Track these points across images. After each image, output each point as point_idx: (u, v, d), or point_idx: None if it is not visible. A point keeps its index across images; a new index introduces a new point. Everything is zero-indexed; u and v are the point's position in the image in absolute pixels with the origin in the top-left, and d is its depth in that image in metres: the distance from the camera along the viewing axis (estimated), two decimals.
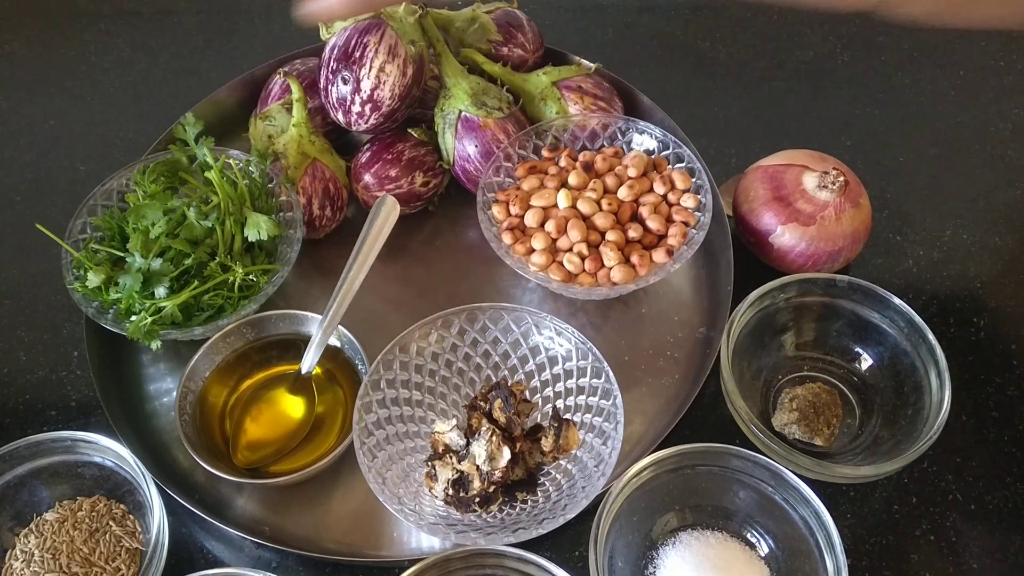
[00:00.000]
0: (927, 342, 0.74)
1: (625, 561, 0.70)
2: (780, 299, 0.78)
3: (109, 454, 0.73)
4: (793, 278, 0.78)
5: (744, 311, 0.76)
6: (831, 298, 0.78)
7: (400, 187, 0.86)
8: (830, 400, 0.77)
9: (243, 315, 0.78)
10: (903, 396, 0.76)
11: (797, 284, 0.78)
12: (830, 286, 0.78)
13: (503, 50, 0.92)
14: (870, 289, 0.77)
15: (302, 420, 0.77)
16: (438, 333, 0.75)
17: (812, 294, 0.78)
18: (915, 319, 0.74)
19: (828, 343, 0.80)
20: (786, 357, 0.80)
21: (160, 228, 0.78)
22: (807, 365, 0.80)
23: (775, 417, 0.77)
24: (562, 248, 0.80)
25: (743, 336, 0.76)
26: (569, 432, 0.72)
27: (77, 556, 0.71)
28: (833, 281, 0.77)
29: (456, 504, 0.70)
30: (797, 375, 0.79)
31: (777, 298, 0.78)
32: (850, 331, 0.79)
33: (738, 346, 0.75)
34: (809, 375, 0.79)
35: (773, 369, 0.80)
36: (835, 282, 0.77)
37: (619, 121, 0.86)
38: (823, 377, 0.79)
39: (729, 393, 0.73)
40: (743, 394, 0.73)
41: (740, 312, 0.76)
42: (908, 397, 0.75)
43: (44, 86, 1.07)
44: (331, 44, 0.83)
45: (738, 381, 0.74)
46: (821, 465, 0.69)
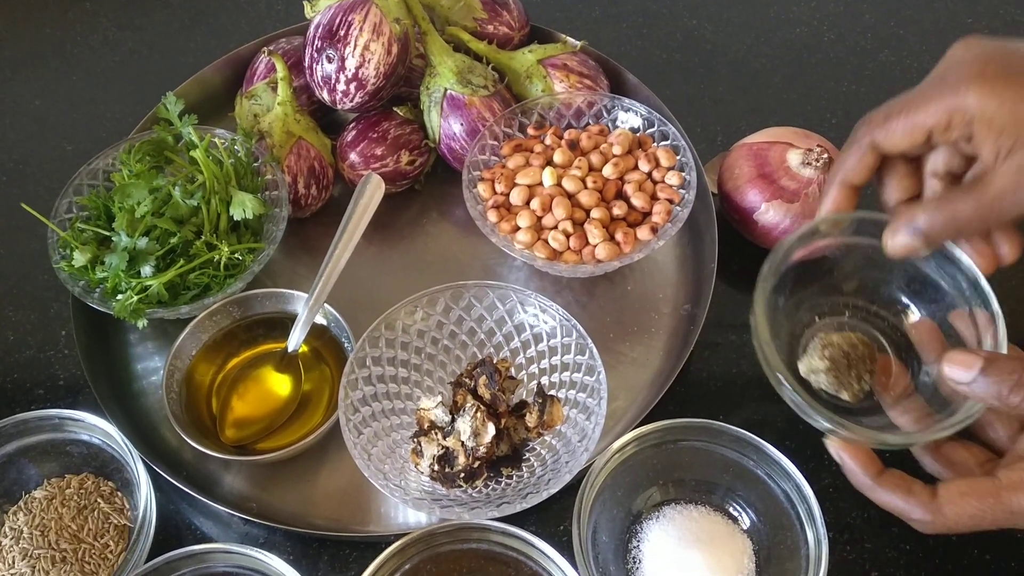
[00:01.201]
0: (989, 306, 0.64)
1: (609, 535, 0.70)
2: (835, 232, 0.69)
3: (97, 432, 0.73)
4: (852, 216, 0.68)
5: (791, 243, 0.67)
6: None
7: (386, 166, 0.86)
8: (867, 353, 0.70)
9: (229, 294, 0.79)
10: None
11: (855, 222, 0.68)
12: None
13: (488, 28, 0.92)
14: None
15: (289, 398, 0.77)
16: (423, 311, 0.76)
17: (868, 234, 0.68)
18: (980, 281, 0.65)
19: (877, 292, 0.71)
20: (826, 299, 0.72)
21: (146, 207, 0.78)
22: (849, 312, 0.72)
23: (802, 362, 0.70)
24: (547, 226, 0.80)
25: (786, 269, 0.68)
26: (553, 408, 0.72)
27: (66, 533, 0.71)
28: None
29: (442, 479, 0.71)
30: (836, 320, 0.72)
31: (831, 231, 0.69)
32: (904, 282, 0.70)
33: (780, 277, 0.68)
34: (849, 322, 0.72)
35: (810, 309, 0.72)
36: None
37: (604, 99, 0.87)
38: (864, 327, 0.71)
39: (757, 327, 0.65)
40: (772, 330, 0.65)
41: (785, 245, 0.67)
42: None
43: (29, 65, 1.07)
44: (315, 22, 0.83)
45: (770, 316, 0.66)
46: (841, 424, 0.62)
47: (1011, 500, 0.57)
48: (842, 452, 0.61)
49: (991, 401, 0.57)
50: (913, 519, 0.59)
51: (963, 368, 0.57)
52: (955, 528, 0.58)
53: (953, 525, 0.58)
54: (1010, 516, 0.57)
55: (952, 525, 0.58)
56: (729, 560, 0.69)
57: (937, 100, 0.59)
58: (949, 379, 0.58)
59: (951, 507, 0.58)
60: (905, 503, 0.59)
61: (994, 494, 0.57)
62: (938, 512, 0.58)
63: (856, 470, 0.61)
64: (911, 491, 0.59)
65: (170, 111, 0.84)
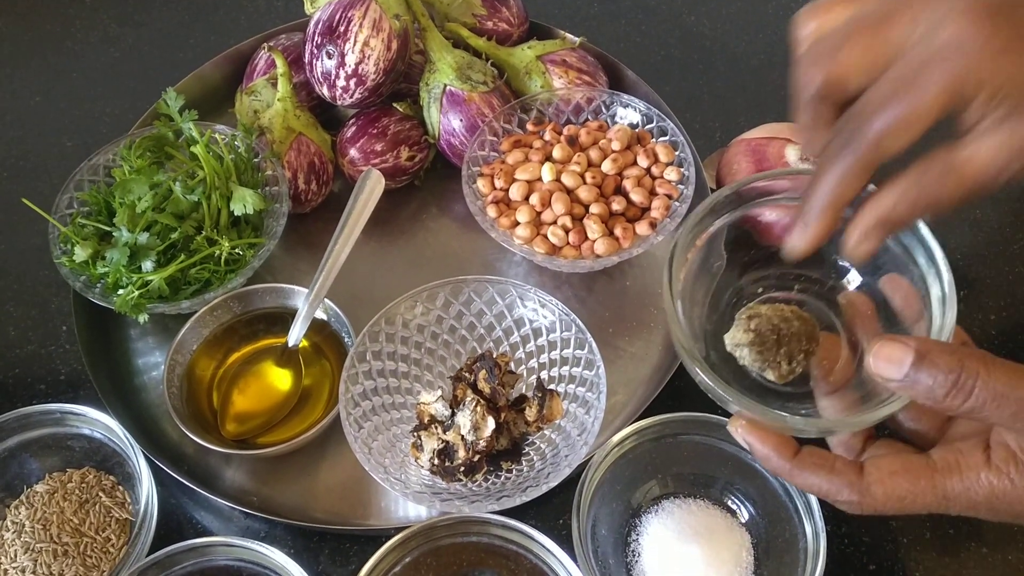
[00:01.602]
0: (940, 279, 0.55)
1: (608, 529, 0.71)
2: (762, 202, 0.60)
3: (98, 426, 0.73)
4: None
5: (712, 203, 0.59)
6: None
7: (386, 161, 0.86)
8: (804, 330, 0.59)
9: (230, 289, 0.79)
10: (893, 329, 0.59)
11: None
12: None
13: (488, 24, 0.92)
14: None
15: (289, 392, 0.78)
16: (423, 305, 0.76)
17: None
18: (935, 249, 0.55)
19: (830, 262, 0.61)
20: (774, 268, 0.62)
21: (146, 202, 0.79)
22: (800, 285, 0.63)
23: (728, 334, 0.60)
24: (546, 221, 0.80)
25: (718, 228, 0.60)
26: (553, 402, 0.73)
27: (67, 527, 0.72)
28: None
29: (442, 473, 0.71)
30: (783, 292, 0.63)
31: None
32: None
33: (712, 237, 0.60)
34: (797, 296, 0.62)
35: (755, 280, 0.63)
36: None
37: (603, 95, 0.87)
38: (816, 303, 0.62)
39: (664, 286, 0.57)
40: (690, 295, 0.58)
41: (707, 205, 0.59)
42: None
43: (29, 62, 1.07)
44: (315, 19, 0.83)
45: (693, 277, 0.59)
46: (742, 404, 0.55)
47: (945, 483, 0.51)
48: (749, 437, 0.55)
49: (924, 402, 0.50)
50: (839, 500, 0.53)
51: (892, 364, 0.49)
52: (883, 510, 0.53)
53: (882, 506, 0.52)
54: (943, 501, 0.52)
55: (881, 506, 0.52)
56: (727, 554, 0.69)
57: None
58: (876, 375, 0.50)
59: (880, 487, 0.52)
60: (829, 483, 0.53)
61: (927, 476, 0.52)
62: (866, 492, 0.52)
63: (769, 453, 0.54)
64: (834, 469, 0.53)
65: (170, 107, 0.85)
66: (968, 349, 0.50)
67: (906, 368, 0.48)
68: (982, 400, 0.48)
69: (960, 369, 0.48)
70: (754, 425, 0.54)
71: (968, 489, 0.51)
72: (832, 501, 0.54)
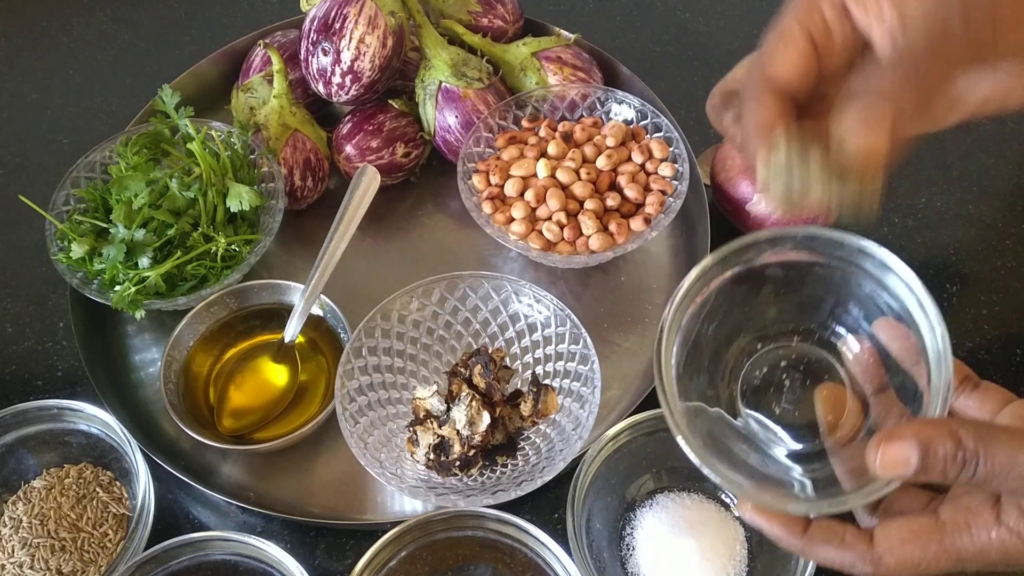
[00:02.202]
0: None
1: (603, 523, 0.71)
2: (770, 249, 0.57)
3: (95, 422, 0.74)
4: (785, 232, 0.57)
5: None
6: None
7: (381, 158, 0.87)
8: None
9: (226, 285, 0.79)
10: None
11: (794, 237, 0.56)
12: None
13: (483, 21, 0.92)
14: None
15: (285, 388, 0.78)
16: (419, 301, 0.76)
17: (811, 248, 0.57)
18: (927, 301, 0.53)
19: (831, 314, 0.59)
20: (768, 323, 0.61)
21: (143, 199, 0.79)
22: (799, 337, 0.60)
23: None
24: (541, 217, 0.81)
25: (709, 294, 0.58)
26: (548, 397, 0.73)
27: (65, 522, 0.72)
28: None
29: (437, 468, 0.72)
30: (783, 345, 0.61)
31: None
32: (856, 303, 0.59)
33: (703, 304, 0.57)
34: (797, 347, 0.60)
35: (750, 336, 0.61)
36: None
37: (598, 91, 0.87)
38: (818, 353, 0.60)
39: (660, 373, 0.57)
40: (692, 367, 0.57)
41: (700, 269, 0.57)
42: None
43: (26, 60, 1.07)
44: (311, 15, 0.84)
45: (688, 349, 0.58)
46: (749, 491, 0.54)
47: (956, 544, 0.51)
48: (758, 519, 0.54)
49: (935, 481, 0.49)
50: (853, 572, 0.53)
51: (899, 467, 0.48)
52: (899, 575, 0.52)
53: (895, 574, 0.52)
54: (957, 563, 0.51)
55: (895, 574, 0.52)
56: (722, 547, 0.70)
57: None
58: (883, 476, 0.49)
59: (891, 557, 0.51)
60: (841, 556, 0.53)
61: (937, 540, 0.51)
62: (879, 563, 0.52)
63: (779, 534, 0.54)
64: (844, 542, 0.53)
65: (166, 103, 0.85)
66: (966, 427, 0.49)
67: (914, 465, 0.48)
68: (984, 476, 0.48)
69: (959, 450, 0.48)
70: (759, 508, 0.54)
71: (980, 550, 0.51)
72: (847, 572, 0.54)
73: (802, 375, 0.59)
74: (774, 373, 0.59)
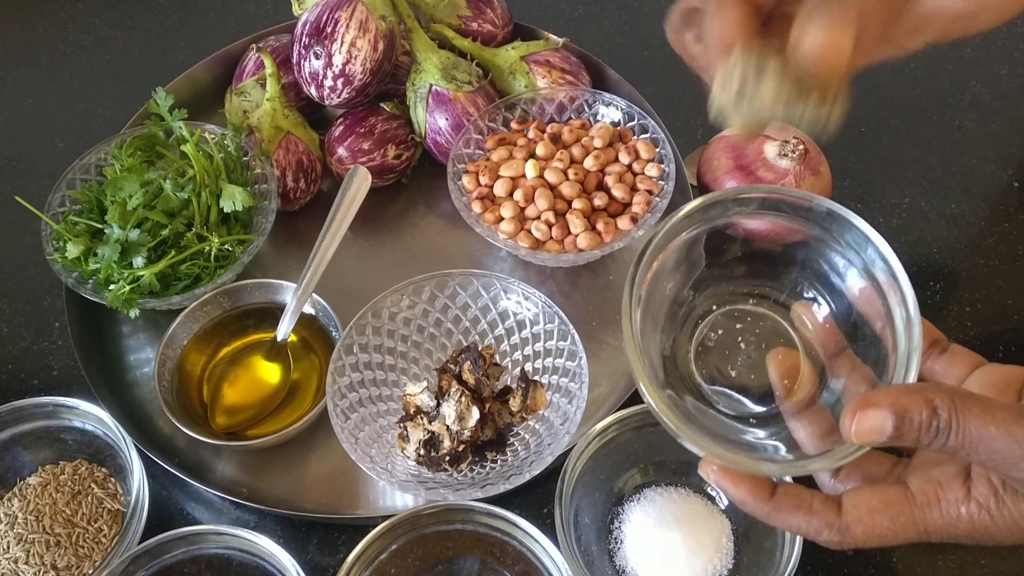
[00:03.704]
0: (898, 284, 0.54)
1: (591, 517, 0.72)
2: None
3: (90, 419, 0.75)
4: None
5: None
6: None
7: (373, 160, 0.88)
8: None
9: (219, 284, 0.80)
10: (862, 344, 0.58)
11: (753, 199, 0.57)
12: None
13: (473, 25, 0.94)
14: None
15: (278, 386, 0.79)
16: (409, 299, 0.77)
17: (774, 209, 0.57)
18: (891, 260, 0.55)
19: (785, 278, 0.60)
20: (727, 286, 0.61)
21: (137, 200, 0.80)
22: (754, 301, 0.60)
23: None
24: (530, 216, 0.82)
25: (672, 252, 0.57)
26: (537, 393, 0.74)
27: (60, 518, 0.73)
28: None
29: (427, 463, 0.73)
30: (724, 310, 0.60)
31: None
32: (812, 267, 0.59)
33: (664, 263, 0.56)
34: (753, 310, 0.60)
35: (707, 298, 0.61)
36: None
37: (585, 94, 0.89)
38: (774, 318, 0.60)
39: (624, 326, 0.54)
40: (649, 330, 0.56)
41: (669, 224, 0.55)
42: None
43: (22, 65, 1.08)
44: (303, 20, 0.85)
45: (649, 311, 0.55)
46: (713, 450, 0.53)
47: (925, 517, 0.51)
48: (722, 482, 0.53)
49: (909, 447, 0.51)
50: (820, 540, 0.52)
51: (874, 434, 0.48)
52: (864, 546, 0.52)
53: (862, 543, 0.52)
54: (924, 534, 0.51)
55: (861, 543, 0.52)
56: (708, 540, 0.71)
57: None
58: (858, 443, 0.49)
59: (859, 526, 0.51)
60: (808, 524, 0.52)
61: (907, 512, 0.51)
62: (846, 531, 0.51)
63: (744, 498, 0.53)
64: (812, 509, 0.52)
65: (160, 106, 0.86)
66: (941, 395, 0.48)
67: (888, 431, 0.48)
68: (956, 446, 0.48)
69: (934, 417, 0.48)
70: (726, 470, 0.53)
71: (949, 524, 0.51)
72: (812, 539, 0.53)
73: (756, 338, 0.58)
74: (729, 336, 0.59)
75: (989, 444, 0.47)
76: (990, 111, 0.99)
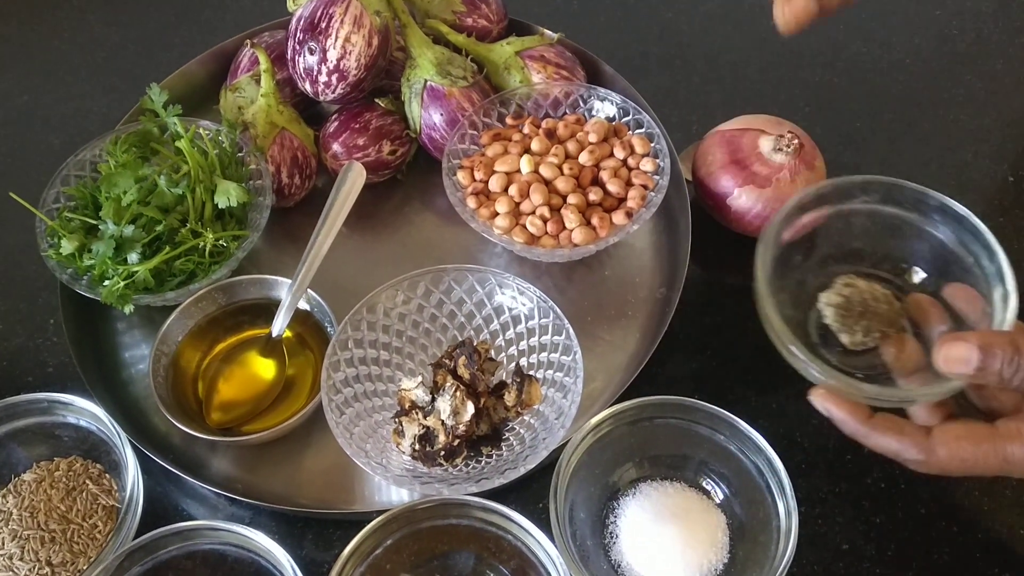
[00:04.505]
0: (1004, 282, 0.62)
1: (587, 512, 0.72)
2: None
3: (85, 415, 0.75)
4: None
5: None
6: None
7: (368, 156, 0.88)
8: (888, 312, 0.68)
9: (214, 280, 0.80)
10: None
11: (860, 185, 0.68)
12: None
13: (467, 21, 0.94)
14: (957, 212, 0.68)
15: (273, 381, 0.79)
16: (405, 294, 0.77)
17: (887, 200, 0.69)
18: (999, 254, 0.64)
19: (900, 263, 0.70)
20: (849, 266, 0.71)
21: (132, 196, 0.80)
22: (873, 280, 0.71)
23: (824, 293, 0.70)
24: (525, 211, 0.82)
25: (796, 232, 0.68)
26: (531, 387, 0.74)
27: (55, 514, 0.73)
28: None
29: (422, 458, 0.73)
30: (864, 271, 0.71)
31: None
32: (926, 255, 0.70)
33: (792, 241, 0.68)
34: (881, 276, 0.70)
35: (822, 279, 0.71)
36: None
37: (580, 89, 0.89)
38: (893, 288, 0.70)
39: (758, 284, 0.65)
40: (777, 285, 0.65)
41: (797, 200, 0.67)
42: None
43: (17, 62, 1.08)
44: (298, 15, 0.85)
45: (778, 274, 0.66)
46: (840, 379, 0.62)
47: (1006, 448, 0.57)
48: (828, 404, 0.61)
49: (994, 382, 0.56)
50: (907, 459, 0.60)
51: (960, 363, 0.56)
52: (947, 469, 0.58)
53: (946, 466, 0.58)
54: (1003, 464, 0.57)
55: (945, 466, 0.58)
56: (704, 534, 0.71)
57: None
58: (948, 373, 0.57)
59: (944, 448, 0.58)
60: (899, 443, 0.59)
61: (990, 439, 0.57)
62: (931, 452, 0.58)
63: (846, 418, 0.61)
64: (904, 431, 0.59)
65: (155, 102, 0.86)
66: (1022, 333, 0.55)
67: (974, 364, 0.55)
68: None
69: (1016, 350, 0.54)
70: (832, 394, 0.61)
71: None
72: (902, 460, 0.59)
73: (867, 311, 0.68)
74: (845, 306, 0.68)
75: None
76: (985, 105, 0.99)
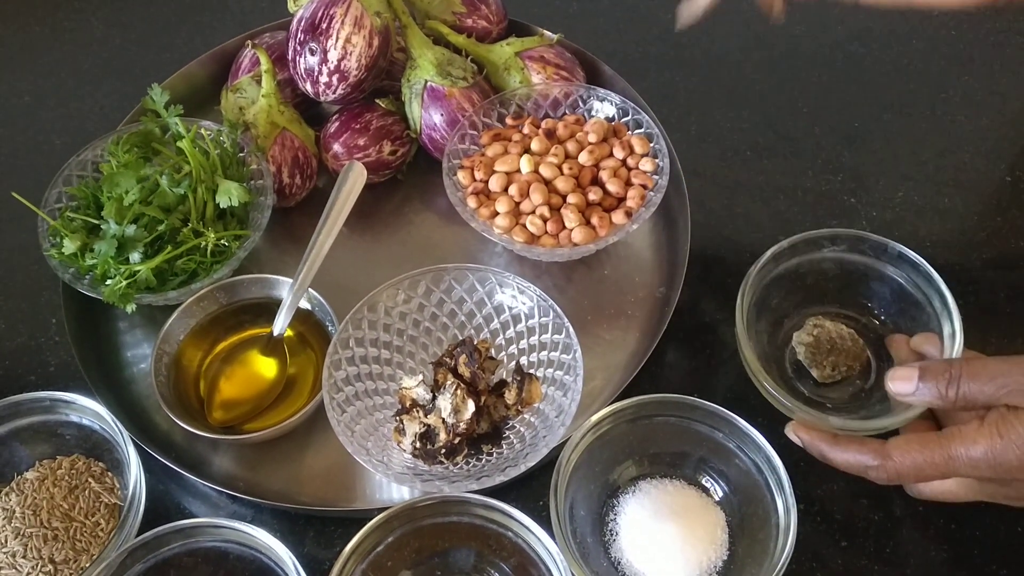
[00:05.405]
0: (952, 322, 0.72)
1: (587, 509, 0.72)
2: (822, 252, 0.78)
3: (87, 414, 0.75)
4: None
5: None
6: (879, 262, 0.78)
7: (368, 156, 0.88)
8: (853, 348, 0.77)
9: (216, 279, 0.81)
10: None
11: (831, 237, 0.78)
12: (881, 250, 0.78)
13: (467, 22, 0.94)
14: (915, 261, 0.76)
15: (274, 380, 0.79)
16: (405, 293, 0.78)
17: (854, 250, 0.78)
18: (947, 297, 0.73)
19: (866, 306, 0.80)
20: (818, 308, 0.80)
21: (134, 195, 0.80)
22: (843, 320, 0.80)
23: (797, 332, 0.79)
24: (525, 211, 0.82)
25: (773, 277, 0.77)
26: (532, 386, 0.75)
27: (57, 512, 0.73)
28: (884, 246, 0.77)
29: (423, 456, 0.73)
30: (832, 312, 0.80)
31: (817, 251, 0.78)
32: (888, 299, 0.79)
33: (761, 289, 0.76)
34: (847, 315, 0.80)
35: (796, 319, 0.80)
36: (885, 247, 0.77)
37: (580, 89, 0.89)
38: (858, 326, 0.79)
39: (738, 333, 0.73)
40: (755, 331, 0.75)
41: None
42: None
43: (19, 63, 1.09)
44: (298, 16, 0.85)
45: (753, 323, 0.75)
46: (805, 411, 0.70)
47: (949, 446, 0.63)
48: (799, 433, 0.70)
49: (936, 402, 0.65)
50: (868, 467, 0.66)
51: (904, 383, 0.65)
52: (903, 474, 0.65)
53: (901, 470, 0.65)
54: (948, 460, 0.63)
55: (900, 470, 0.65)
56: (703, 531, 0.71)
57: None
58: (896, 395, 0.67)
59: (897, 452, 0.65)
60: (859, 453, 0.66)
61: (935, 441, 0.64)
62: (887, 456, 0.65)
63: (813, 442, 0.69)
64: (863, 443, 0.67)
65: (156, 102, 0.86)
66: (955, 361, 0.66)
67: (914, 382, 0.65)
68: (968, 387, 0.63)
69: (948, 371, 0.63)
70: (805, 426, 0.70)
71: (968, 449, 0.62)
72: (863, 469, 0.66)
73: (834, 347, 0.77)
74: (815, 344, 0.77)
75: (994, 380, 0.62)
76: (982, 106, 0.99)
